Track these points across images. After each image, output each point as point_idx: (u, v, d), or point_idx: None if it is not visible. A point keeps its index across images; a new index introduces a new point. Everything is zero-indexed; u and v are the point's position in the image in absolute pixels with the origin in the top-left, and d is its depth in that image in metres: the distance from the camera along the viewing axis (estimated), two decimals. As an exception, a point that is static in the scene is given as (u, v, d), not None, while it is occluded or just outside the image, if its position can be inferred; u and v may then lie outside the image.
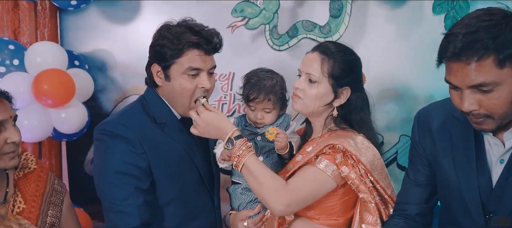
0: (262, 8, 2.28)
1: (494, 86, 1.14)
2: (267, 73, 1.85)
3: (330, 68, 1.60)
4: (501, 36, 1.10)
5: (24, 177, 1.52)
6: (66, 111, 2.22)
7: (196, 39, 1.56)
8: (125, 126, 1.56)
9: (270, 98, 1.78)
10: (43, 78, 2.09)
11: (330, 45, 1.66)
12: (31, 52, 2.18)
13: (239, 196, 1.83)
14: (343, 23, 2.29)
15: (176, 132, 1.67)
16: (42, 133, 2.23)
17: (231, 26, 2.36)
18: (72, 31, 2.55)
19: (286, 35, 2.33)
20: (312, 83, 1.61)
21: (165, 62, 1.59)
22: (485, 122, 1.20)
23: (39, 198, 1.51)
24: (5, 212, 1.41)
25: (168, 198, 1.63)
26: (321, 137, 1.66)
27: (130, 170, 1.53)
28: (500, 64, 1.11)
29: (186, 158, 1.67)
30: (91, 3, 2.48)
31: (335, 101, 1.64)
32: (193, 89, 1.60)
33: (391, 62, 2.50)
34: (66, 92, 2.14)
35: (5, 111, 1.37)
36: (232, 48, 2.47)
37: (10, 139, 1.36)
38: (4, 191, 1.46)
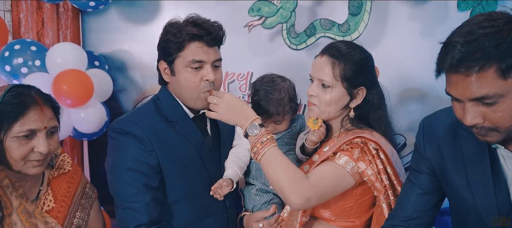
0: (279, 6, 2.25)
1: (498, 98, 1.05)
2: (274, 83, 1.77)
3: (341, 71, 1.56)
4: (503, 43, 1.01)
5: (58, 177, 1.56)
6: (85, 111, 2.26)
7: (196, 31, 1.57)
8: (136, 124, 1.58)
9: (279, 112, 1.73)
10: (62, 78, 2.13)
11: (339, 46, 1.60)
12: (52, 53, 2.23)
13: (253, 197, 1.80)
14: (363, 21, 2.23)
15: (187, 131, 1.67)
16: (62, 132, 2.25)
17: (248, 25, 2.33)
18: (94, 32, 2.59)
19: (303, 34, 2.28)
20: (325, 88, 1.58)
21: (170, 57, 1.60)
22: (490, 134, 1.12)
23: (69, 199, 1.55)
24: (33, 210, 1.45)
25: (178, 196, 1.64)
26: (338, 137, 1.63)
27: (140, 167, 1.55)
28: (503, 74, 1.02)
29: (196, 157, 1.67)
30: (111, 5, 2.51)
31: (351, 103, 1.61)
32: (197, 82, 1.59)
33: (414, 61, 2.42)
34: (85, 92, 2.18)
35: (41, 120, 1.39)
36: (250, 48, 2.45)
37: (37, 149, 1.38)
38: (38, 189, 1.51)
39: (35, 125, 1.37)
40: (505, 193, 1.19)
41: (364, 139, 1.53)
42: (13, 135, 1.35)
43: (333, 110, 1.59)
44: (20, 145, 1.36)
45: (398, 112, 2.48)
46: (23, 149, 1.36)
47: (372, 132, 1.59)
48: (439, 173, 1.35)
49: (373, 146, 1.52)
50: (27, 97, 1.38)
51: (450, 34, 1.10)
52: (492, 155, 1.21)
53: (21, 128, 1.35)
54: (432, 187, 1.39)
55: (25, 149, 1.37)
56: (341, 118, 1.65)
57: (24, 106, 1.36)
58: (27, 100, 1.38)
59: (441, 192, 1.39)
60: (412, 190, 1.43)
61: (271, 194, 1.79)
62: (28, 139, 1.37)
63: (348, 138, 1.55)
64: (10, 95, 1.37)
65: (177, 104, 1.67)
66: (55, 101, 1.49)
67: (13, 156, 1.36)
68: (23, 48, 2.24)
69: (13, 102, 1.35)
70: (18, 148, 1.36)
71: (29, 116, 1.36)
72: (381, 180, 1.52)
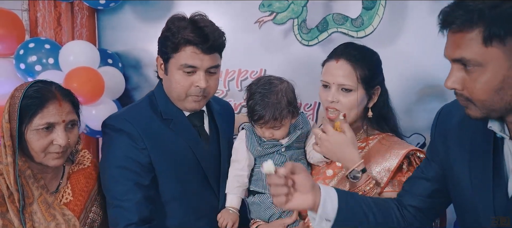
0: (290, 2, 2.19)
1: (476, 66, 1.01)
2: (271, 85, 1.66)
3: (362, 74, 1.56)
4: (498, 8, 0.95)
5: (77, 172, 1.61)
6: (97, 108, 2.27)
7: (192, 36, 1.52)
8: (128, 121, 1.57)
9: (276, 117, 1.62)
10: (73, 76, 2.16)
11: (353, 50, 1.60)
12: (65, 51, 2.26)
13: (270, 206, 1.70)
14: (377, 15, 2.14)
15: (182, 129, 1.64)
16: (75, 129, 2.30)
17: (259, 21, 2.29)
18: (109, 30, 2.61)
19: (315, 30, 2.21)
20: (347, 92, 1.56)
21: (165, 55, 1.58)
22: (469, 107, 1.08)
23: (87, 193, 1.59)
24: (52, 201, 1.50)
25: (171, 195, 1.62)
26: (364, 141, 1.62)
27: (131, 165, 1.54)
28: (486, 40, 0.97)
29: (190, 156, 1.64)
30: (126, 3, 2.53)
31: (369, 103, 1.62)
32: (187, 86, 1.56)
33: (434, 57, 2.28)
34: (96, 90, 2.19)
35: (60, 114, 1.45)
36: (264, 44, 2.40)
37: (56, 141, 1.44)
38: (58, 182, 1.57)
39: (53, 118, 1.44)
40: (503, 189, 1.11)
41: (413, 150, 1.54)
42: (34, 127, 1.42)
43: (355, 114, 1.59)
44: (40, 137, 1.43)
45: (417, 111, 2.40)
46: (43, 141, 1.43)
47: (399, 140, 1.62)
48: (444, 164, 1.30)
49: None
50: (47, 92, 1.45)
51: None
52: (497, 147, 1.14)
53: (41, 120, 1.41)
54: (433, 174, 1.35)
55: (45, 141, 1.43)
56: (360, 120, 1.65)
57: (44, 100, 1.43)
58: (47, 95, 1.44)
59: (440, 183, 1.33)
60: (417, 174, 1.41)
61: None
62: (47, 132, 1.44)
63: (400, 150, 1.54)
64: (32, 90, 1.44)
65: (172, 102, 1.65)
66: (75, 97, 1.56)
67: (34, 148, 1.43)
68: (37, 47, 2.27)
69: (34, 96, 1.43)
70: (38, 140, 1.42)
71: (48, 110, 1.43)
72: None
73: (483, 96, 1.03)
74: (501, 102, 1.03)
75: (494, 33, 0.97)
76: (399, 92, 2.20)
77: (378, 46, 1.74)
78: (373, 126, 1.66)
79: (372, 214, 1.29)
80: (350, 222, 1.25)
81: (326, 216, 1.22)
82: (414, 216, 1.36)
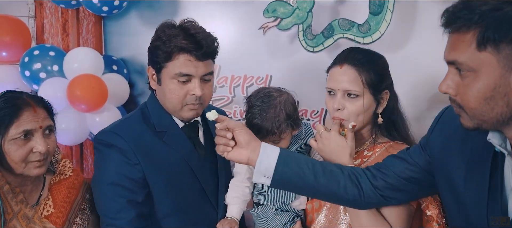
0: (295, 7, 2.14)
1: (468, 71, 0.97)
2: (270, 98, 1.64)
3: (368, 78, 1.50)
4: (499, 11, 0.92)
5: (58, 182, 1.57)
6: (100, 116, 2.27)
7: (185, 43, 1.47)
8: (120, 135, 1.51)
9: (275, 132, 1.61)
10: (76, 83, 2.15)
11: (357, 54, 1.55)
12: (69, 58, 2.26)
13: (272, 217, 1.67)
14: (385, 20, 2.07)
15: (176, 141, 1.59)
16: (79, 136, 2.30)
17: (263, 27, 2.24)
18: (115, 36, 2.61)
19: (321, 36, 2.16)
20: (353, 98, 1.51)
21: (158, 65, 1.52)
22: (462, 115, 1.04)
23: (69, 204, 1.55)
24: (32, 214, 1.47)
25: (167, 211, 1.57)
26: (371, 150, 1.57)
27: (123, 182, 1.48)
28: (479, 44, 0.93)
29: (186, 169, 1.59)
30: (131, 9, 2.52)
31: (378, 109, 1.56)
32: (182, 95, 1.52)
33: (445, 64, 2.23)
34: (99, 97, 2.18)
35: (36, 120, 1.41)
36: (270, 50, 2.36)
37: (36, 148, 1.41)
38: (38, 193, 1.53)
39: (30, 125, 1.40)
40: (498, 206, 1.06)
41: None
42: (10, 137, 1.38)
43: (363, 120, 1.53)
44: (18, 147, 1.39)
45: (427, 119, 2.32)
46: (22, 151, 1.39)
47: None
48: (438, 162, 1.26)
49: None
50: (18, 100, 1.41)
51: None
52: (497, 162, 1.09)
53: (17, 129, 1.38)
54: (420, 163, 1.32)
55: (24, 151, 1.40)
56: (369, 127, 1.59)
57: (17, 109, 1.39)
58: (19, 103, 1.40)
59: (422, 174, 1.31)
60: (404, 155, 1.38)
61: (292, 212, 1.68)
62: (25, 140, 1.40)
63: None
64: (2, 101, 1.40)
65: (165, 113, 1.60)
66: (47, 102, 1.51)
67: (14, 158, 1.39)
68: (42, 54, 2.28)
69: (6, 106, 1.39)
70: (16, 150, 1.39)
71: (23, 117, 1.39)
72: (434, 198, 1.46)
73: (473, 104, 0.99)
74: (492, 112, 0.98)
75: (489, 37, 0.93)
76: (409, 99, 2.12)
77: (386, 52, 1.67)
78: (383, 133, 1.59)
79: (314, 176, 1.32)
80: (288, 181, 1.33)
81: (264, 172, 1.32)
82: (378, 191, 1.34)
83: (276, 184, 1.33)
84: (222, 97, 2.50)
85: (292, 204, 1.67)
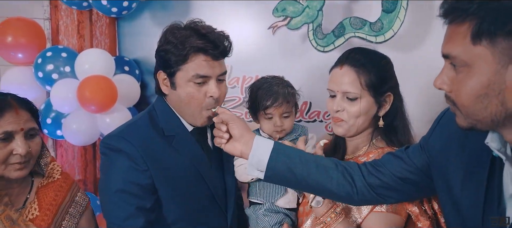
0: (305, 6, 2.08)
1: (462, 66, 0.91)
2: (274, 78, 1.78)
3: (367, 79, 1.45)
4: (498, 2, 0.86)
5: (46, 186, 1.55)
6: (111, 117, 2.27)
7: (201, 43, 1.41)
8: (128, 141, 1.45)
9: (289, 101, 1.70)
10: (86, 85, 2.17)
11: (358, 55, 1.49)
12: (80, 60, 2.28)
13: (262, 218, 1.66)
14: (398, 18, 1.98)
15: (185, 145, 1.54)
16: (90, 137, 2.32)
17: (272, 26, 2.20)
18: (128, 37, 2.62)
19: (331, 35, 2.09)
20: (352, 100, 1.46)
21: (170, 68, 1.46)
22: (456, 114, 0.98)
23: (55, 207, 1.53)
24: (16, 217, 1.46)
25: (176, 217, 1.52)
26: (365, 155, 1.50)
27: (132, 189, 1.43)
28: (474, 37, 0.87)
29: (195, 174, 1.54)
30: (145, 9, 2.53)
31: (380, 111, 1.49)
32: (201, 98, 1.46)
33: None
34: (108, 98, 2.19)
35: (17, 122, 1.40)
36: (281, 50, 2.32)
37: (16, 151, 1.40)
38: (25, 196, 1.52)
39: (11, 127, 1.38)
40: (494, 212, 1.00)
41: None
42: None
43: (363, 122, 1.48)
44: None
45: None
46: (2, 153, 1.38)
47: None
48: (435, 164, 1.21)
49: None
50: (1, 102, 1.40)
51: None
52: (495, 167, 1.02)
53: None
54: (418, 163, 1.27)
55: (4, 152, 1.38)
56: (370, 130, 1.53)
57: (0, 110, 1.38)
58: (1, 105, 1.39)
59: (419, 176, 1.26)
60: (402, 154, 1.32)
61: (282, 214, 1.65)
62: (6, 142, 1.39)
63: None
64: None
65: (174, 117, 1.55)
66: (33, 105, 1.49)
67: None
68: (54, 55, 2.31)
69: None
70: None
71: (4, 119, 1.38)
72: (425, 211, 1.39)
73: (465, 101, 0.93)
74: (485, 111, 0.91)
75: (484, 29, 0.86)
76: (423, 102, 2.03)
77: (400, 52, 1.61)
78: (383, 138, 1.53)
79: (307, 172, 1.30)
80: (281, 175, 1.31)
81: (257, 166, 1.31)
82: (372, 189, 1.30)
83: (269, 178, 1.32)
84: (233, 98, 2.47)
85: (278, 203, 1.65)
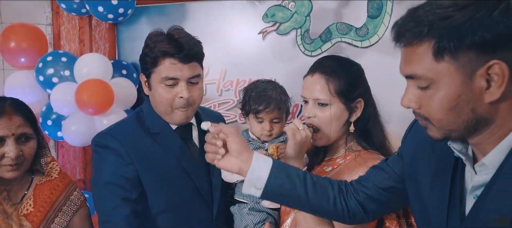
0: (293, 11, 2.14)
1: (429, 83, 0.93)
2: (268, 84, 1.80)
3: (337, 87, 1.51)
4: (449, 19, 0.88)
5: (43, 183, 1.66)
6: (108, 118, 2.36)
7: (168, 48, 1.53)
8: (115, 138, 1.59)
9: (280, 107, 1.74)
10: (84, 88, 2.26)
11: (328, 62, 1.55)
12: (79, 64, 2.37)
13: (245, 217, 1.73)
14: (383, 23, 2.04)
15: (169, 142, 1.66)
16: (87, 138, 2.40)
17: (262, 31, 2.27)
18: (127, 42, 2.72)
19: (318, 40, 2.15)
20: (322, 107, 1.52)
21: (147, 71, 1.60)
22: (429, 127, 1.00)
23: (49, 205, 1.63)
24: (12, 211, 1.56)
25: (161, 208, 1.63)
26: (343, 158, 1.56)
27: (118, 181, 1.56)
28: (436, 54, 0.89)
29: (179, 168, 1.65)
30: (142, 15, 2.62)
31: (351, 117, 1.55)
32: (171, 98, 1.58)
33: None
34: (105, 101, 2.28)
35: (9, 128, 1.50)
36: (273, 54, 2.38)
37: (7, 154, 1.50)
38: (23, 193, 1.63)
39: (2, 132, 1.49)
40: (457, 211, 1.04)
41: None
42: None
43: (335, 128, 1.54)
44: None
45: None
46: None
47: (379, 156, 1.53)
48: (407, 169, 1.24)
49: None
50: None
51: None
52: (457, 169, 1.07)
53: None
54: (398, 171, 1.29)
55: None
56: (345, 136, 1.59)
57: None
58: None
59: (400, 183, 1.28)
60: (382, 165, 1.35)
61: (265, 213, 1.72)
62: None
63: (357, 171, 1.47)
64: None
65: (158, 117, 1.67)
66: (29, 111, 1.59)
67: None
68: (55, 60, 2.41)
69: None
70: None
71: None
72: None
73: (439, 115, 0.96)
74: (458, 120, 0.94)
75: (444, 47, 0.89)
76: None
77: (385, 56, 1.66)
78: (359, 142, 1.58)
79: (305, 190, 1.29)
80: (279, 194, 1.29)
81: (255, 184, 1.28)
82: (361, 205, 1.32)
83: (266, 196, 1.30)
84: (227, 101, 2.54)
85: (262, 203, 1.71)
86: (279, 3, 2.17)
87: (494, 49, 0.86)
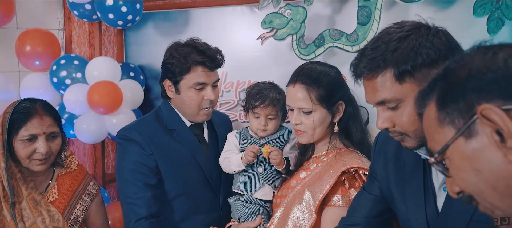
0: (289, 18, 2.31)
1: (398, 103, 1.09)
2: (267, 84, 1.95)
3: (317, 95, 1.63)
4: (398, 49, 1.05)
5: (64, 175, 1.88)
6: (117, 118, 2.54)
7: (201, 58, 1.82)
8: (137, 131, 1.85)
9: (275, 105, 1.86)
10: (95, 89, 2.43)
11: (307, 72, 1.68)
12: (90, 67, 2.54)
13: (240, 208, 1.87)
14: (371, 30, 2.20)
15: (184, 137, 1.92)
16: (98, 135, 2.59)
17: (260, 37, 2.43)
18: (134, 46, 2.89)
19: (312, 45, 2.32)
20: (307, 114, 1.66)
21: (175, 78, 1.85)
22: (405, 139, 1.15)
23: (71, 193, 1.85)
24: (40, 199, 1.77)
25: (175, 194, 1.88)
26: (325, 155, 1.70)
27: (140, 168, 1.81)
28: (398, 79, 1.06)
29: (191, 160, 1.90)
30: (148, 20, 2.79)
31: (334, 118, 1.69)
32: (200, 100, 1.86)
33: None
34: (114, 101, 2.45)
35: (40, 127, 1.71)
36: (271, 57, 2.53)
37: (38, 149, 1.71)
38: (47, 183, 1.84)
39: (35, 131, 1.70)
40: (433, 206, 1.18)
41: (356, 168, 1.57)
42: (19, 138, 1.69)
43: (320, 131, 1.69)
44: (25, 146, 1.69)
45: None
46: (27, 150, 1.69)
47: (360, 157, 1.64)
48: (383, 186, 1.37)
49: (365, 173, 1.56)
50: (31, 108, 1.71)
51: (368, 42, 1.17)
52: (426, 169, 1.22)
53: (25, 132, 1.69)
54: (376, 192, 1.41)
55: (29, 150, 1.70)
56: (329, 134, 1.73)
57: (28, 116, 1.69)
58: (30, 111, 1.70)
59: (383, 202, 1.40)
60: (362, 194, 1.46)
61: (258, 205, 1.85)
62: (31, 142, 1.70)
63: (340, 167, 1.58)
64: (20, 107, 1.71)
65: (176, 115, 1.93)
66: (56, 112, 1.80)
67: (20, 155, 1.70)
68: (67, 63, 2.58)
69: (21, 112, 1.70)
70: (23, 149, 1.69)
71: (31, 123, 1.69)
72: None
73: (413, 126, 1.10)
74: None
75: (404, 70, 1.06)
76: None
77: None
78: (342, 140, 1.72)
79: None
80: None
81: None
82: None
83: None
84: (228, 101, 2.70)
85: (255, 195, 1.85)
86: (276, 10, 2.33)
87: (437, 61, 1.03)
